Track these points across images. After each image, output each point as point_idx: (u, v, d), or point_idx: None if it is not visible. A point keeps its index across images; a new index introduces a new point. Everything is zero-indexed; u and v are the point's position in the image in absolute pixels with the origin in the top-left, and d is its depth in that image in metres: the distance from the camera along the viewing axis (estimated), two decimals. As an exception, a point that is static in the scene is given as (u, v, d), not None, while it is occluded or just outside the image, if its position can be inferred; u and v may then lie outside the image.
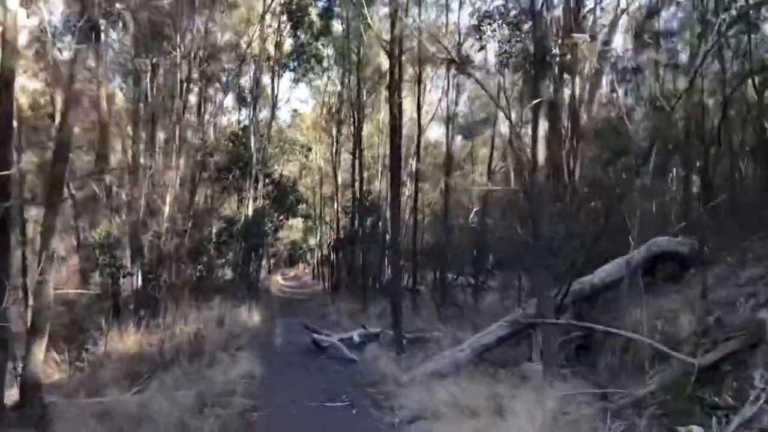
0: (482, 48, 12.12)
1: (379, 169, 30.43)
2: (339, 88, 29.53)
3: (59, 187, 8.55)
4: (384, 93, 30.25)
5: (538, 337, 10.69)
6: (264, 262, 40.88)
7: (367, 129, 28.32)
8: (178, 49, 16.75)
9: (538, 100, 8.48)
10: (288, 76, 31.62)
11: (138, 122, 17.96)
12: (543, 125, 8.91)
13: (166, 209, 15.32)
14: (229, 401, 8.74)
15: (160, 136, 17.92)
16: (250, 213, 23.52)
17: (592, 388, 8.19)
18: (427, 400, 8.07)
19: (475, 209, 28.14)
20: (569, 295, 10.81)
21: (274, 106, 28.51)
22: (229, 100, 30.27)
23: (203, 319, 14.35)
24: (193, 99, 25.71)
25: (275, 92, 27.63)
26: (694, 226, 12.62)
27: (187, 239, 15.02)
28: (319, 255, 43.26)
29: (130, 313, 14.49)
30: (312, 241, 48.16)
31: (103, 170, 14.79)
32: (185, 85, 18.12)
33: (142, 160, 16.39)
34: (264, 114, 29.09)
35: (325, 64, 29.56)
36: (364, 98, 26.11)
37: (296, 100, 62.40)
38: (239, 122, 28.94)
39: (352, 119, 27.21)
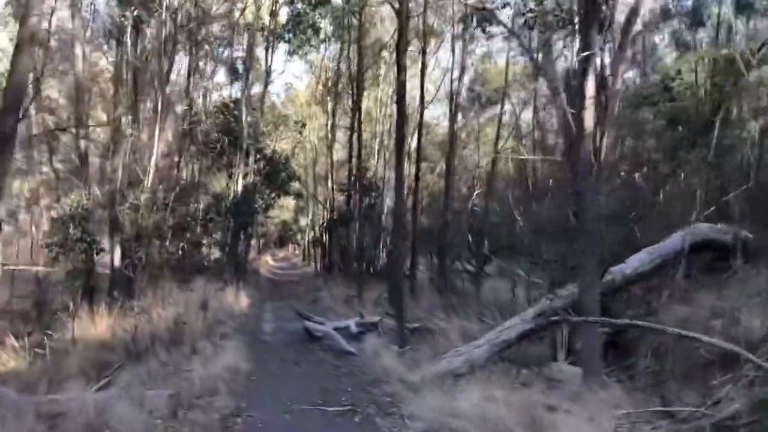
0: (505, 5, 10.66)
1: (376, 147, 29.01)
2: (336, 62, 28.01)
3: (9, 146, 7.10)
4: (383, 68, 28.94)
5: (563, 334, 9.43)
6: (254, 241, 39.52)
7: (364, 104, 26.79)
8: (164, 6, 15.23)
9: (588, 53, 7.11)
10: (283, 48, 30.13)
11: (120, 86, 16.41)
12: (591, 84, 7.53)
13: (148, 180, 13.90)
14: (210, 402, 7.39)
15: (145, 101, 16.40)
16: (240, 189, 22.10)
17: (641, 397, 6.95)
18: (445, 408, 6.74)
19: (476, 191, 26.86)
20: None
21: (267, 77, 26.93)
22: (222, 77, 28.86)
23: (185, 302, 12.97)
24: (183, 68, 24.35)
25: (269, 62, 26.06)
26: (728, 212, 11.39)
27: (168, 214, 13.57)
28: (311, 236, 41.85)
29: (105, 294, 13.15)
30: (303, 222, 46.77)
31: (78, 127, 13.23)
32: (171, 46, 16.62)
33: (123, 127, 14.85)
34: (256, 89, 27.58)
35: (322, 35, 28.06)
36: (364, 70, 24.46)
37: (291, 75, 60.46)
38: (231, 97, 27.35)
39: (350, 91, 25.65)
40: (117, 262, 14.26)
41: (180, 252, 15.99)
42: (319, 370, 10.00)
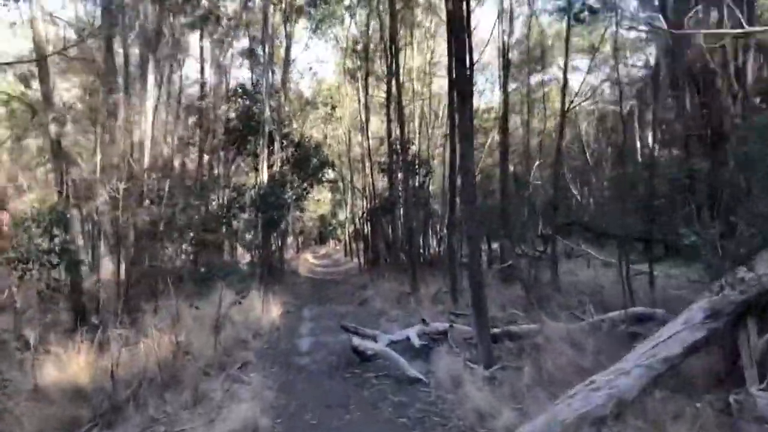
0: None
1: (417, 122, 25.68)
2: (365, 27, 24.72)
3: None
4: (417, 35, 25.64)
5: (750, 340, 6.07)
6: (291, 239, 36.73)
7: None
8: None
9: None
10: (303, 24, 27.22)
11: (109, 60, 13.50)
12: None
13: (141, 167, 10.94)
14: None
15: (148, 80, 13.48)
16: (265, 179, 19.12)
17: None
18: None
19: (536, 163, 23.43)
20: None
21: (287, 53, 23.93)
22: (239, 58, 26.05)
23: (193, 321, 9.96)
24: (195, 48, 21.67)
25: (288, 30, 23.07)
26: None
27: (164, 208, 10.51)
28: (351, 229, 38.86)
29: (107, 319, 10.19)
30: (342, 215, 43.97)
31: (47, 106, 10.28)
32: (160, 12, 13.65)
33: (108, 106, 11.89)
34: (278, 75, 24.61)
35: (347, 1, 24.97)
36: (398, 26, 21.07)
37: (315, 57, 57.63)
38: (252, 79, 24.42)
39: (383, 53, 22.30)
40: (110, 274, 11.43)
41: (190, 256, 13.01)
42: (376, 414, 6.81)
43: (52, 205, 9.46)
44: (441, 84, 26.79)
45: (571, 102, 19.30)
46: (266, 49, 21.21)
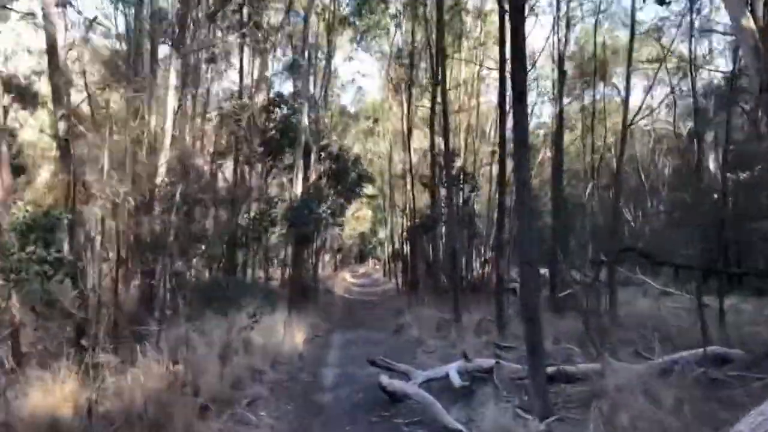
0: None
1: (462, 138, 24.27)
2: (410, 35, 23.59)
3: None
4: (465, 45, 24.43)
5: None
6: (328, 257, 35.70)
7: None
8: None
9: None
10: (347, 35, 26.36)
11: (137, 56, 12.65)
12: None
13: (162, 169, 9.87)
14: None
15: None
16: (299, 192, 17.97)
17: None
18: None
19: (591, 183, 21.81)
20: None
21: (329, 62, 22.97)
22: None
23: (205, 346, 8.72)
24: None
25: (330, 40, 22.14)
26: None
27: (174, 215, 9.35)
28: (390, 249, 37.58)
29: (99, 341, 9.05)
30: (382, 234, 42.83)
31: (57, 101, 9.28)
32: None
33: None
34: (319, 86, 23.71)
35: (392, 9, 23.94)
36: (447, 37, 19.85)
37: (358, 72, 56.93)
38: (294, 87, 23.59)
39: (429, 62, 21.06)
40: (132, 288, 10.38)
41: (201, 272, 11.87)
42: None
43: (45, 210, 8.40)
44: (489, 97, 25.48)
45: (635, 116, 17.71)
46: (307, 59, 20.28)
